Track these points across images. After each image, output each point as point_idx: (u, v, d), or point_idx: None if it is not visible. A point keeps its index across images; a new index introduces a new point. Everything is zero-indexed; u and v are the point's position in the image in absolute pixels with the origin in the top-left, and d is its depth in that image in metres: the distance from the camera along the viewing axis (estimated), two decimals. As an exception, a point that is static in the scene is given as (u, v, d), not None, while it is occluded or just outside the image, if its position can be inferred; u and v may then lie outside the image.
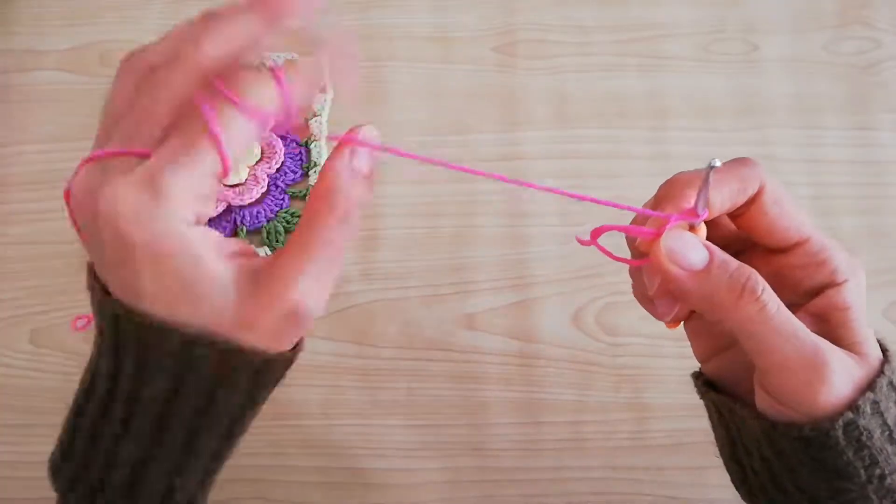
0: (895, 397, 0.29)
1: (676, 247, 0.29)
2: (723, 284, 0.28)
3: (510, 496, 0.45)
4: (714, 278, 0.28)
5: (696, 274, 0.28)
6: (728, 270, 0.28)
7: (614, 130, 0.53)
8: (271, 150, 0.51)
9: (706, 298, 0.28)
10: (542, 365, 0.47)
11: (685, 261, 0.28)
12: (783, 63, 0.55)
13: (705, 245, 0.29)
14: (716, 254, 0.29)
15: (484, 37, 0.55)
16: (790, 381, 0.28)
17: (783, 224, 0.30)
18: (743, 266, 0.28)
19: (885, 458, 0.28)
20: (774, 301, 0.28)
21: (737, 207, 0.30)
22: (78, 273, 0.49)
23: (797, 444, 0.29)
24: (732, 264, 0.28)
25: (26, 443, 0.46)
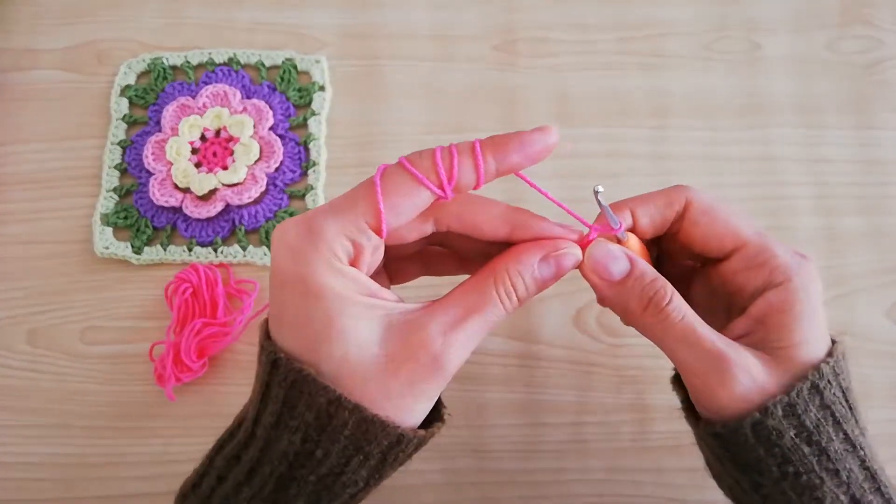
0: (818, 401, 0.30)
1: (599, 258, 0.32)
2: (634, 295, 0.31)
3: (510, 498, 0.45)
4: (627, 289, 0.31)
5: (613, 284, 0.31)
6: (641, 283, 0.31)
7: (615, 129, 0.53)
8: (270, 150, 0.51)
9: (620, 307, 0.32)
10: (543, 366, 0.47)
11: (605, 271, 0.31)
12: (785, 62, 0.54)
13: (629, 258, 0.31)
14: (636, 267, 0.31)
15: (484, 35, 0.55)
16: (696, 385, 0.31)
17: (716, 232, 0.32)
18: (657, 279, 0.31)
19: (799, 457, 0.30)
20: (680, 311, 0.30)
21: (669, 224, 0.33)
22: (75, 273, 0.49)
23: (715, 441, 0.31)
24: (647, 277, 0.31)
25: (24, 444, 0.46)
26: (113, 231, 0.50)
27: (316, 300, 0.28)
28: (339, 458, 0.29)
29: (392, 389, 0.28)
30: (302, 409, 0.28)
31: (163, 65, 0.54)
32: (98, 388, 0.47)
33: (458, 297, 0.30)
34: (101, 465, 0.46)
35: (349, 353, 0.28)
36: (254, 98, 0.53)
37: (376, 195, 0.29)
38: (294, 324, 0.29)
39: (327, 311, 0.28)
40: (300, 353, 0.28)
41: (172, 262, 0.49)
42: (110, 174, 0.51)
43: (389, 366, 0.28)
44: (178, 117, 0.52)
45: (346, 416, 0.28)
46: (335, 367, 0.28)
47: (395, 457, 0.29)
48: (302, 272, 0.28)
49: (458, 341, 0.29)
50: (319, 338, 0.28)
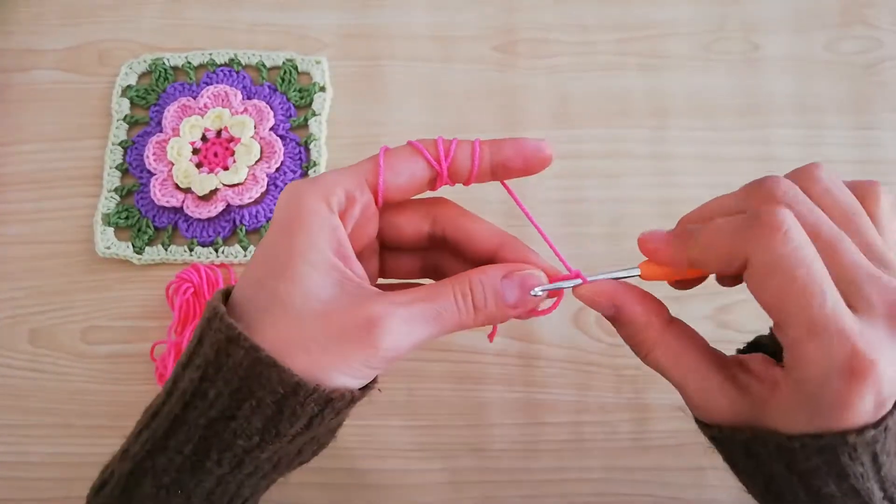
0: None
1: (589, 302, 0.31)
2: (623, 334, 0.32)
3: (510, 497, 0.45)
4: (618, 327, 0.32)
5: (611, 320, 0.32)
6: (626, 332, 0.31)
7: (615, 130, 0.53)
8: (270, 150, 0.51)
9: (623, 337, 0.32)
10: (543, 365, 0.47)
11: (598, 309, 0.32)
12: (784, 62, 0.54)
13: (615, 305, 0.31)
14: (621, 315, 0.31)
15: (484, 36, 0.55)
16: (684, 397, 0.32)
17: (763, 303, 0.27)
18: (639, 333, 0.31)
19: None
20: (660, 361, 0.30)
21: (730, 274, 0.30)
22: (76, 273, 0.49)
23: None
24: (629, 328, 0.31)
25: (25, 443, 0.46)
26: (114, 231, 0.50)
27: (290, 234, 0.28)
28: (230, 400, 0.27)
29: (314, 343, 0.27)
30: (206, 345, 0.28)
31: (164, 65, 0.54)
32: (99, 388, 0.47)
33: (415, 288, 0.30)
34: (102, 465, 0.46)
35: (292, 295, 0.28)
36: (254, 99, 0.53)
37: (378, 158, 0.30)
38: (262, 254, 0.29)
39: (294, 247, 0.28)
40: (251, 293, 0.29)
41: (173, 262, 0.50)
42: (111, 174, 0.52)
43: (322, 321, 0.28)
44: (179, 118, 0.52)
45: (241, 356, 0.27)
46: (275, 305, 0.28)
47: (291, 410, 0.27)
48: (291, 208, 0.29)
49: (400, 317, 0.28)
50: (275, 273, 0.28)
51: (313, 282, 0.28)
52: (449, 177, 0.32)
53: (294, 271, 0.28)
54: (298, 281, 0.28)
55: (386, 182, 0.30)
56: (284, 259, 0.28)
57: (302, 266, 0.28)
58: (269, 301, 0.28)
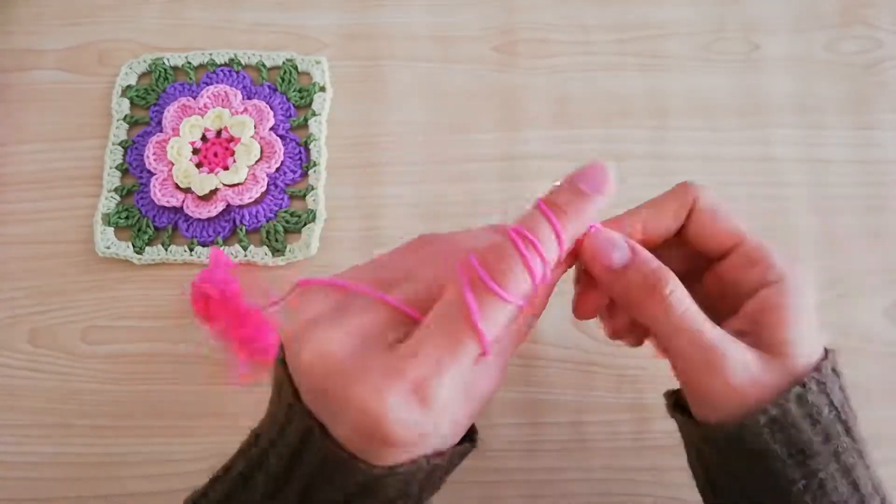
0: (826, 399, 0.30)
1: (601, 245, 0.31)
2: (636, 283, 0.30)
3: (510, 497, 0.45)
4: (629, 277, 0.31)
5: (615, 272, 0.31)
6: (643, 271, 0.30)
7: (615, 130, 0.53)
8: (270, 150, 0.51)
9: (622, 295, 0.31)
10: (543, 365, 0.47)
11: (606, 259, 0.31)
12: (784, 62, 0.54)
13: (631, 246, 0.31)
14: (637, 255, 0.31)
15: (484, 36, 0.55)
16: (691, 377, 0.31)
17: (717, 229, 0.32)
18: (660, 269, 0.30)
19: (812, 450, 0.30)
20: (682, 303, 0.30)
21: (679, 226, 0.33)
22: (76, 273, 0.49)
23: (722, 438, 0.31)
24: (649, 266, 0.31)
25: (25, 443, 0.46)
26: (114, 231, 0.50)
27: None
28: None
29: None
30: (306, 463, 0.29)
31: (164, 65, 0.54)
32: (99, 388, 0.47)
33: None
34: (103, 465, 0.46)
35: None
36: (254, 98, 0.53)
37: (483, 342, 0.27)
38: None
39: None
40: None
41: (173, 262, 0.50)
42: (111, 174, 0.52)
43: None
44: (179, 118, 0.52)
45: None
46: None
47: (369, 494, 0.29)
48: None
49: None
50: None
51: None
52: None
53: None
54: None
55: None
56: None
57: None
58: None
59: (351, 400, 0.26)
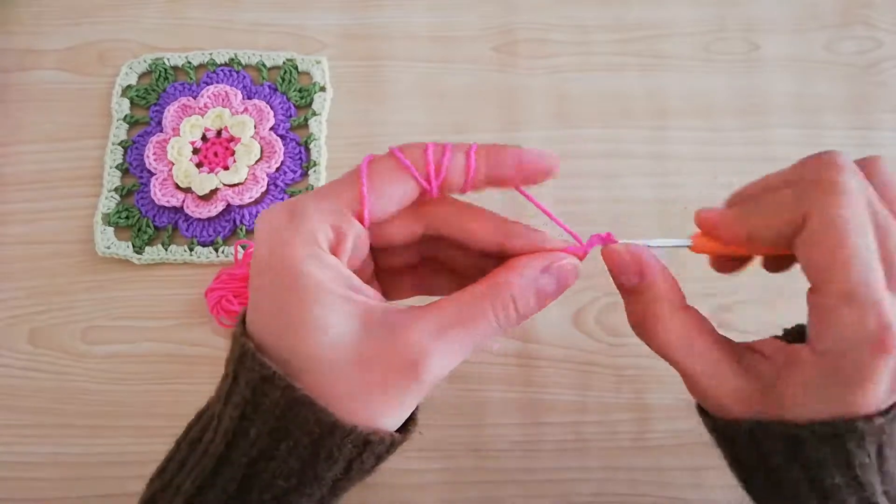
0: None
1: (613, 265, 0.31)
2: (635, 309, 0.31)
3: (510, 497, 0.45)
4: (631, 301, 0.31)
5: (622, 288, 0.32)
6: (641, 301, 0.31)
7: (615, 130, 0.53)
8: (271, 150, 0.51)
9: (626, 305, 0.32)
10: (543, 365, 0.47)
11: (617, 276, 0.31)
12: (784, 63, 0.54)
13: (642, 273, 0.31)
14: (643, 281, 0.30)
15: (484, 36, 0.55)
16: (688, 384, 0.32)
17: (813, 260, 0.27)
18: (653, 304, 0.30)
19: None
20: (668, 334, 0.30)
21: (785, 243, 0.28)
22: (77, 273, 0.49)
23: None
24: (645, 298, 0.30)
25: (25, 443, 0.46)
26: (114, 231, 0.50)
27: (291, 287, 0.26)
28: (269, 440, 0.27)
29: (359, 389, 0.27)
30: (241, 383, 0.27)
31: (164, 65, 0.54)
32: (99, 388, 0.47)
33: (449, 305, 0.28)
34: (103, 465, 0.46)
35: (320, 347, 0.26)
36: (255, 98, 0.53)
37: (361, 180, 0.28)
38: (268, 311, 0.27)
39: (302, 299, 0.26)
40: (272, 344, 0.27)
41: (173, 262, 0.50)
42: (112, 174, 0.52)
43: (362, 364, 0.26)
44: (179, 118, 0.52)
45: (277, 395, 0.26)
46: (304, 361, 0.27)
47: (328, 451, 0.27)
48: (279, 256, 0.27)
49: (441, 351, 0.27)
50: (292, 328, 0.26)
51: (336, 324, 0.26)
52: (439, 190, 0.29)
53: (313, 321, 0.26)
54: (320, 329, 0.26)
55: (372, 211, 0.28)
56: (297, 312, 0.26)
57: (320, 311, 0.26)
58: (294, 355, 0.27)
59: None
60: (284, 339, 0.27)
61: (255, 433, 0.27)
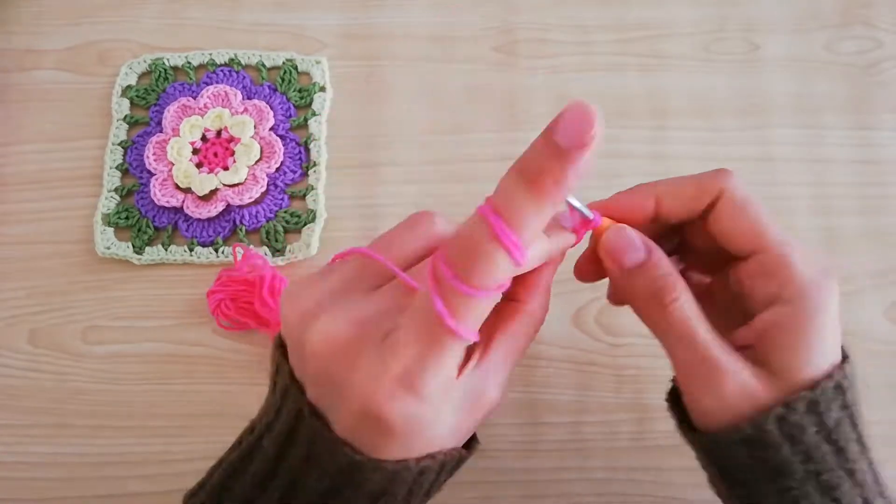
0: (815, 420, 0.29)
1: (616, 243, 0.31)
2: (640, 285, 0.30)
3: (510, 497, 0.45)
4: (636, 279, 0.30)
5: (625, 271, 0.31)
6: (651, 275, 0.30)
7: (615, 130, 0.53)
8: (270, 150, 0.51)
9: (628, 295, 0.31)
10: (542, 365, 0.47)
11: (620, 258, 0.31)
12: (784, 63, 0.54)
13: (648, 248, 0.31)
14: (650, 258, 0.30)
15: (484, 36, 0.55)
16: (686, 387, 0.31)
17: (740, 229, 0.31)
18: (667, 276, 0.30)
19: (791, 471, 0.29)
20: (685, 311, 0.29)
21: (697, 212, 0.32)
22: (76, 273, 0.49)
23: (702, 451, 0.32)
24: (657, 271, 0.30)
25: (25, 443, 0.46)
26: (114, 231, 0.50)
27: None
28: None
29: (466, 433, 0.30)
30: (326, 468, 0.29)
31: (164, 65, 0.54)
32: (99, 388, 0.47)
33: (499, 348, 0.30)
34: (103, 465, 0.46)
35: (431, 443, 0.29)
36: (254, 99, 0.53)
37: (460, 337, 0.27)
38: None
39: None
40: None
41: (173, 263, 0.50)
42: (111, 174, 0.52)
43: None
44: (179, 118, 0.52)
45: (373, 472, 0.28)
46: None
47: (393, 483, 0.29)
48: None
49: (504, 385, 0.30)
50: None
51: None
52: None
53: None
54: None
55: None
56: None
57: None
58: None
59: (353, 383, 0.27)
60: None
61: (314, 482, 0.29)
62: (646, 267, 0.30)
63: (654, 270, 0.30)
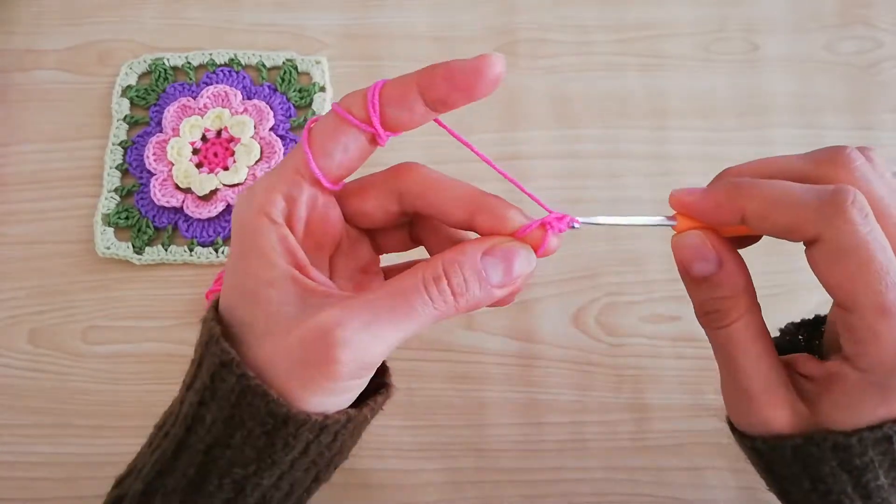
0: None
1: (687, 252, 0.29)
2: (702, 300, 0.29)
3: (510, 497, 0.45)
4: (700, 291, 0.29)
5: (691, 280, 0.29)
6: (714, 294, 0.28)
7: (615, 130, 0.53)
8: (270, 150, 0.51)
9: (693, 298, 0.30)
10: (543, 365, 0.47)
11: (688, 265, 0.29)
12: (784, 63, 0.54)
13: (720, 259, 0.28)
14: (720, 272, 0.28)
15: (484, 36, 0.55)
16: (725, 397, 0.30)
17: (834, 280, 0.26)
18: (729, 297, 0.28)
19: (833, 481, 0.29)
20: (733, 337, 0.28)
21: (790, 239, 0.28)
22: (77, 273, 0.49)
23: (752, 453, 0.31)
24: (721, 290, 0.28)
25: (25, 443, 0.46)
26: (114, 231, 0.50)
27: (242, 255, 0.27)
28: (224, 428, 0.27)
29: (282, 366, 0.26)
30: (203, 368, 0.27)
31: (164, 65, 0.54)
32: (99, 388, 0.47)
33: (381, 285, 0.27)
34: (103, 465, 0.46)
35: (258, 320, 0.27)
36: (254, 99, 0.53)
37: (305, 145, 0.27)
38: (228, 283, 0.28)
39: (248, 269, 0.27)
40: (227, 308, 0.28)
41: (173, 263, 0.50)
42: (112, 174, 0.52)
43: (285, 340, 0.26)
44: (179, 118, 0.52)
45: (232, 382, 0.26)
46: (246, 333, 0.27)
47: (284, 440, 0.27)
48: (237, 230, 0.28)
49: (358, 323, 0.25)
50: (240, 299, 0.27)
51: (274, 301, 0.26)
52: (388, 131, 0.29)
53: (255, 294, 0.27)
54: (261, 303, 0.26)
55: (322, 168, 0.27)
56: (245, 282, 0.27)
57: (260, 287, 0.26)
58: (242, 325, 0.27)
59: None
60: (236, 306, 0.28)
61: (211, 419, 0.27)
62: (712, 282, 0.28)
63: (717, 290, 0.28)
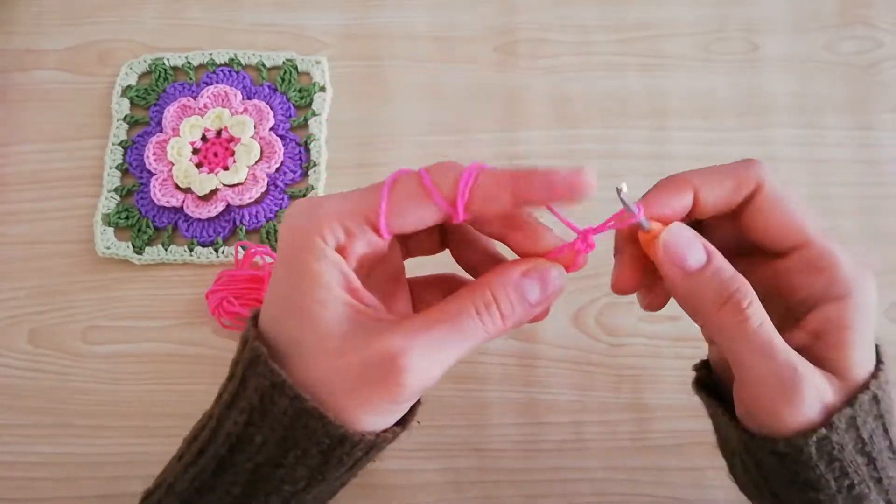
0: (875, 411, 0.28)
1: (676, 243, 0.28)
2: (710, 290, 0.28)
3: (510, 497, 0.45)
4: (703, 282, 0.28)
5: (688, 274, 0.28)
6: (718, 279, 0.28)
7: (614, 130, 0.53)
8: (270, 150, 0.51)
9: (692, 300, 0.29)
10: (543, 365, 0.47)
11: (681, 259, 0.28)
12: (784, 63, 0.54)
13: (707, 248, 0.29)
14: (714, 259, 0.28)
15: (484, 36, 0.55)
16: (760, 398, 0.28)
17: (780, 223, 0.29)
18: (736, 277, 0.28)
19: (854, 468, 0.29)
20: (759, 317, 0.27)
21: (733, 206, 0.30)
22: (77, 273, 0.50)
23: (771, 457, 0.29)
24: (726, 273, 0.28)
25: (25, 443, 0.46)
26: (114, 231, 0.50)
27: (295, 273, 0.27)
28: (277, 449, 0.27)
29: (337, 385, 0.27)
30: (250, 389, 0.27)
31: (164, 65, 0.54)
32: (99, 388, 0.47)
33: (434, 309, 0.28)
34: (103, 465, 0.46)
35: (307, 340, 0.27)
36: (254, 99, 0.53)
37: (382, 193, 0.27)
38: (274, 298, 0.28)
39: (301, 286, 0.27)
40: (270, 329, 0.28)
41: (173, 262, 0.50)
42: (112, 174, 0.52)
43: (341, 361, 0.26)
44: (179, 118, 0.52)
45: (286, 405, 0.26)
46: (294, 351, 0.27)
47: (339, 459, 0.28)
48: (290, 245, 0.27)
49: (421, 349, 0.26)
50: (287, 313, 0.27)
51: (326, 321, 0.27)
52: (466, 213, 0.28)
53: (305, 311, 0.27)
54: (312, 321, 0.27)
55: (389, 225, 0.27)
56: (294, 299, 0.27)
57: (312, 305, 0.27)
58: (289, 341, 0.27)
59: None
60: (283, 323, 0.28)
61: (262, 440, 0.27)
62: (710, 269, 0.28)
63: (721, 274, 0.28)
